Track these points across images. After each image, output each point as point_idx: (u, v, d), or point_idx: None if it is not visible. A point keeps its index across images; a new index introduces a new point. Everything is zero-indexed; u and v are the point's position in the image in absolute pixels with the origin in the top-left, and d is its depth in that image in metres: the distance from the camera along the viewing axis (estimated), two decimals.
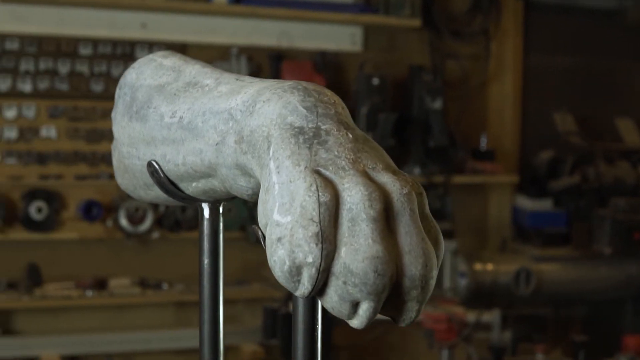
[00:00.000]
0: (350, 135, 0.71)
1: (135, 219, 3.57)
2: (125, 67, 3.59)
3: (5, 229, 3.48)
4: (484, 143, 4.20)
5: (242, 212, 3.71)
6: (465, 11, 4.17)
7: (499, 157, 4.18)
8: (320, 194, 0.65)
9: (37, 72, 3.53)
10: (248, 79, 0.83)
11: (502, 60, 4.26)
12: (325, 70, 3.83)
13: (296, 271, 0.65)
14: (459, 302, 3.52)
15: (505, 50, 4.26)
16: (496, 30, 4.21)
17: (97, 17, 3.59)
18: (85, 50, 3.58)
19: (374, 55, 4.01)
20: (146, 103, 0.90)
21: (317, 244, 0.64)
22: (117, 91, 0.98)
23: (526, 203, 4.09)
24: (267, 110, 0.73)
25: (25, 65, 3.50)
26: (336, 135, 0.70)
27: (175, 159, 0.85)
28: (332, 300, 0.66)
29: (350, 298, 0.65)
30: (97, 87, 3.59)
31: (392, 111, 3.80)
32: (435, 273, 0.67)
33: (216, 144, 0.78)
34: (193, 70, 0.89)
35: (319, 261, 0.64)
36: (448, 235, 3.74)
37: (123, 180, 1.01)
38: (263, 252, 0.69)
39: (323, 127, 0.71)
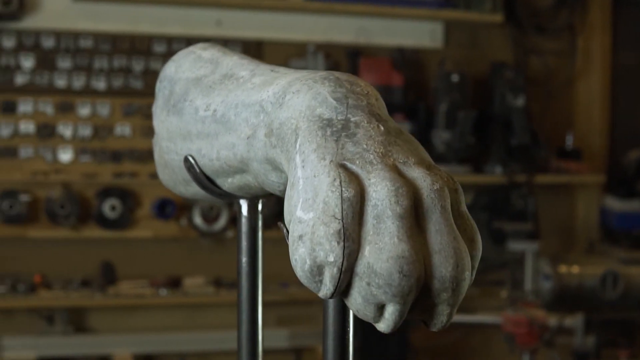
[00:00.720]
0: (382, 128, 0.67)
1: (209, 218, 3.53)
2: None
3: (80, 227, 3.49)
4: (569, 142, 4.04)
5: None
6: (549, 5, 4.02)
7: (585, 156, 4.02)
8: (343, 189, 0.61)
9: (111, 70, 3.53)
10: (283, 70, 0.80)
11: (589, 57, 4.09)
12: (404, 67, 3.74)
13: (317, 271, 0.62)
14: (541, 305, 3.38)
15: (592, 46, 4.09)
16: (582, 26, 4.06)
17: (171, 15, 3.58)
18: (159, 48, 3.57)
19: (455, 51, 3.91)
20: (183, 96, 0.89)
21: (338, 242, 0.60)
22: (157, 84, 0.97)
23: (614, 204, 3.92)
24: (297, 102, 0.70)
25: (100, 63, 3.51)
26: (366, 127, 0.66)
27: (210, 154, 0.83)
28: (357, 303, 0.62)
29: (374, 300, 0.61)
30: None
31: (472, 109, 3.69)
32: (467, 275, 0.62)
33: (247, 138, 0.76)
34: (230, 62, 0.87)
35: (341, 260, 0.60)
36: (531, 236, 3.61)
37: (164, 176, 0.99)
38: None
39: (353, 119, 0.67)
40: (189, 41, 3.58)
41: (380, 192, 0.61)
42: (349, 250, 0.60)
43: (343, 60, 3.77)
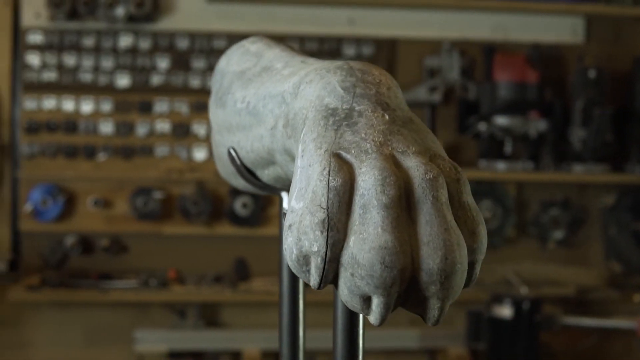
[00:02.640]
0: (387, 117, 0.65)
1: None
2: None
3: (213, 224, 3.53)
4: None
5: None
6: None
7: None
8: (331, 178, 0.61)
9: None
10: (312, 60, 0.80)
11: None
12: (540, 63, 3.60)
13: (304, 260, 0.61)
14: None
15: None
16: None
17: (303, 14, 3.57)
18: None
19: (596, 47, 3.73)
20: (228, 89, 0.89)
21: (322, 232, 0.59)
22: (212, 78, 0.98)
23: None
24: (308, 92, 0.70)
25: None
26: (369, 116, 0.65)
27: (246, 146, 0.84)
28: (344, 294, 0.61)
29: (359, 292, 0.60)
30: None
31: (611, 106, 3.54)
32: (459, 268, 0.59)
33: (271, 129, 0.77)
34: (272, 54, 0.87)
35: (324, 250, 0.60)
36: None
37: (220, 168, 1.00)
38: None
39: (357, 108, 0.66)
40: (322, 40, 3.56)
41: (367, 181, 0.60)
42: (332, 240, 0.59)
43: (479, 57, 3.66)
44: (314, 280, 0.61)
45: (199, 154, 3.53)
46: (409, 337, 3.56)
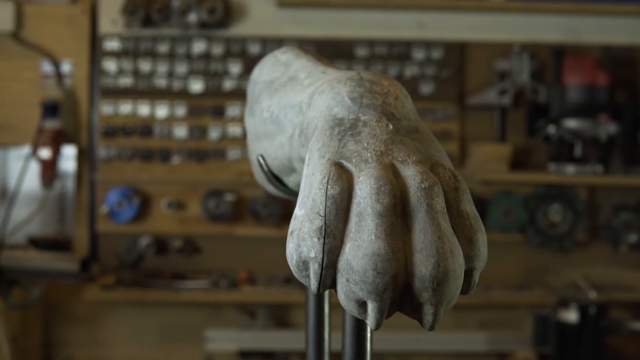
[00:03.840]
0: (391, 127, 0.67)
1: None
2: (402, 68, 3.58)
3: (283, 226, 3.58)
4: None
5: (521, 215, 3.56)
6: None
7: None
8: (329, 186, 0.63)
9: None
10: (332, 71, 0.82)
11: None
12: (611, 65, 3.56)
13: (303, 266, 0.63)
14: None
15: None
16: None
17: (373, 18, 3.60)
18: (361, 52, 3.59)
19: None
20: (257, 98, 0.91)
21: (319, 239, 0.62)
22: (247, 87, 1.01)
23: None
24: (320, 102, 0.72)
25: None
26: (373, 126, 0.67)
27: (271, 153, 0.87)
28: (341, 299, 0.63)
29: (354, 297, 0.62)
30: None
31: None
32: (452, 275, 0.60)
33: (289, 137, 0.79)
34: (298, 64, 0.88)
35: (321, 256, 0.62)
36: None
37: (255, 174, 1.03)
38: (546, 256, 0.59)
39: (363, 118, 0.68)
40: (391, 44, 3.59)
41: (363, 189, 0.62)
42: (329, 246, 0.61)
43: (549, 59, 3.64)
44: (312, 285, 0.63)
45: None
46: (477, 341, 3.56)
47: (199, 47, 3.58)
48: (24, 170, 3.25)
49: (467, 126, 3.66)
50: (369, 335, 0.73)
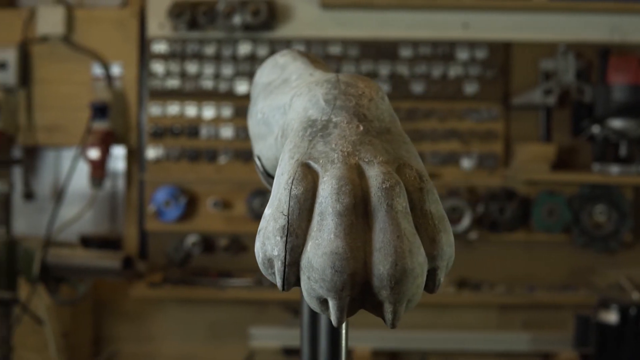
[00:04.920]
0: (361, 128, 0.68)
1: (452, 219, 3.54)
2: (446, 68, 3.59)
3: None
4: None
5: (565, 215, 3.55)
6: None
7: None
8: (293, 186, 0.64)
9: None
10: (319, 73, 0.82)
11: None
12: None
13: (269, 263, 0.65)
14: None
15: None
16: None
17: (417, 19, 3.61)
18: (405, 52, 3.61)
19: None
20: (255, 100, 0.93)
21: (281, 237, 0.63)
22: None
23: None
24: (297, 104, 0.74)
25: (347, 68, 3.61)
26: (343, 127, 0.68)
27: (264, 154, 0.88)
28: (305, 296, 0.64)
29: (315, 294, 0.63)
30: (417, 88, 3.61)
31: None
32: (409, 274, 0.61)
33: (275, 139, 0.80)
34: (293, 67, 0.89)
35: (283, 254, 0.63)
36: None
37: (258, 174, 1.07)
38: (591, 256, 0.61)
39: (334, 119, 0.69)
40: (435, 44, 3.60)
41: (325, 189, 0.63)
42: (291, 245, 0.63)
43: (595, 59, 3.62)
44: (277, 283, 0.64)
45: None
46: (521, 341, 3.56)
47: (244, 49, 3.63)
48: (71, 170, 3.33)
49: (512, 126, 3.66)
50: (343, 331, 0.75)
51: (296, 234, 0.63)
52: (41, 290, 2.99)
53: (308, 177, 0.65)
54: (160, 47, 3.65)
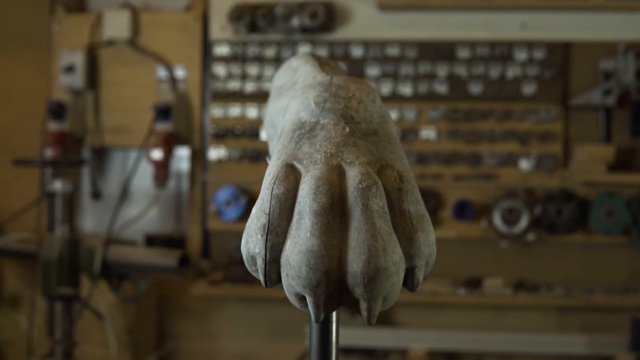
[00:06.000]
0: (347, 129, 0.70)
1: (510, 220, 3.54)
2: (504, 69, 3.58)
3: None
4: None
5: (624, 217, 3.52)
6: None
7: None
8: (274, 186, 0.66)
9: (417, 76, 3.65)
10: (320, 76, 0.83)
11: None
12: None
13: (252, 261, 0.67)
14: None
15: None
16: None
17: (475, 20, 3.62)
18: (463, 53, 3.63)
19: None
20: (268, 103, 0.96)
21: (262, 235, 0.66)
22: None
23: None
24: (291, 107, 0.76)
25: (405, 69, 3.64)
26: (329, 129, 0.70)
27: (272, 155, 0.91)
28: (285, 293, 0.66)
29: (292, 290, 0.65)
30: (475, 88, 3.62)
31: None
32: (383, 272, 0.62)
33: (277, 139, 0.81)
34: (303, 70, 0.90)
35: (264, 252, 0.65)
36: None
37: None
38: None
39: (322, 121, 0.71)
40: (493, 45, 3.61)
41: (304, 189, 0.65)
42: (271, 243, 0.65)
43: None
44: (260, 279, 0.67)
45: None
46: (579, 343, 3.53)
47: (303, 51, 3.69)
48: (133, 171, 3.42)
49: (571, 127, 3.64)
50: (334, 327, 0.76)
51: (276, 232, 0.66)
52: (103, 287, 3.08)
53: (290, 177, 0.67)
54: (222, 50, 3.73)
